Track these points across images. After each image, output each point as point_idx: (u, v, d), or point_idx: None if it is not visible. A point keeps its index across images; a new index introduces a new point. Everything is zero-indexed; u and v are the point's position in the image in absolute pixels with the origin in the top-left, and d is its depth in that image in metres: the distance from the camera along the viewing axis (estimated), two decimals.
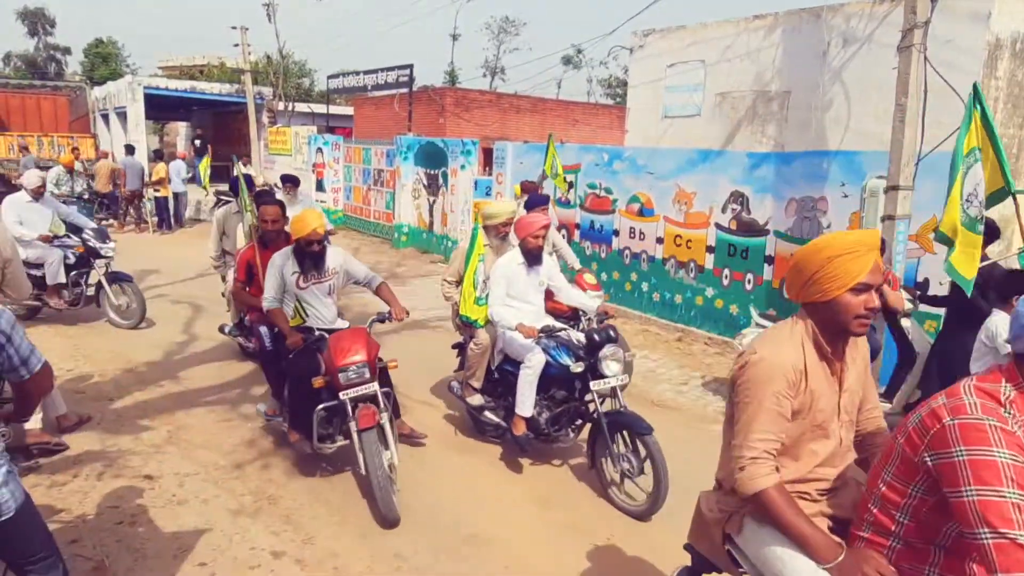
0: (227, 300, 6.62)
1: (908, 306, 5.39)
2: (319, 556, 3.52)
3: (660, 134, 10.75)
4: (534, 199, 6.61)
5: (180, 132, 36.60)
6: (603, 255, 9.51)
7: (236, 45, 20.81)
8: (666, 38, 10.79)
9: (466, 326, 4.81)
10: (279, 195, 7.51)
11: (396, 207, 14.30)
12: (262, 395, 5.71)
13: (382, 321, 4.47)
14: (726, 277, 7.90)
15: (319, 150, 17.44)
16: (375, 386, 4.05)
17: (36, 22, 44.39)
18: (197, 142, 21.24)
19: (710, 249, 8.05)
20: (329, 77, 22.62)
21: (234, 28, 20.51)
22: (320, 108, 25.93)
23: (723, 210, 7.89)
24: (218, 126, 30.40)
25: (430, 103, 21.69)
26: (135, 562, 3.38)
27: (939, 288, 5.64)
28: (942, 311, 5.36)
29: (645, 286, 8.88)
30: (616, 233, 9.30)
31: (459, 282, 4.86)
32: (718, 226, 7.95)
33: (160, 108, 26.18)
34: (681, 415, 5.76)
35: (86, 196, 13.07)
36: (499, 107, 22.75)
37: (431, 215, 13.64)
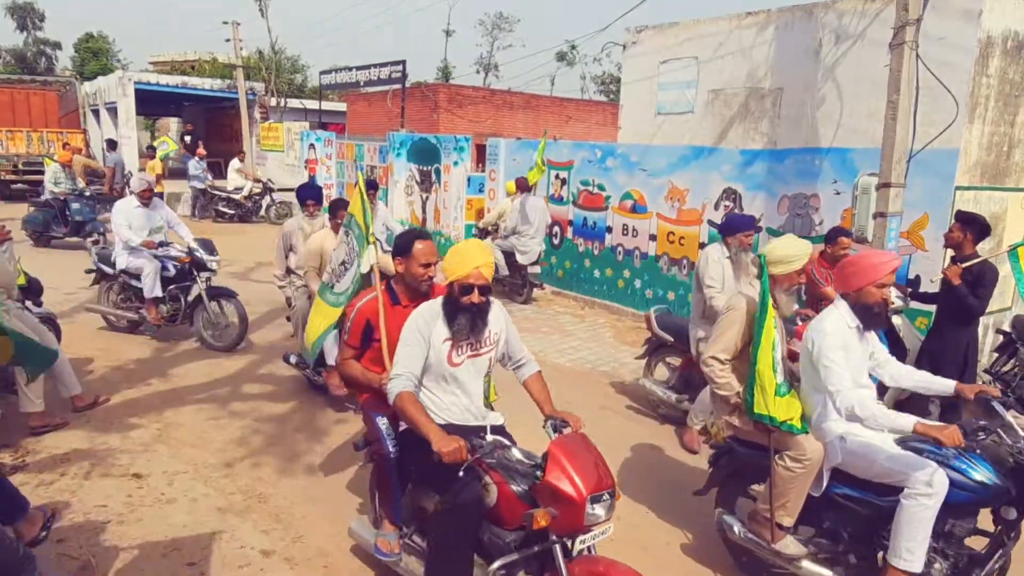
0: (294, 325, 5.93)
1: (899, 303, 5.40)
2: (309, 555, 3.50)
3: (653, 131, 10.74)
4: (738, 220, 5.32)
5: (171, 128, 36.40)
6: (596, 252, 9.50)
7: (228, 40, 20.68)
8: (659, 34, 10.78)
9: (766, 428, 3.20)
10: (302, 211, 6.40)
11: (389, 204, 14.25)
12: (259, 394, 5.67)
13: (557, 431, 2.85)
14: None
15: (311, 146, 17.37)
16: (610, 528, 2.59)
17: (25, 16, 44.00)
18: (187, 138, 21.05)
19: (703, 246, 8.05)
20: (322, 73, 22.51)
21: (226, 23, 20.39)
22: (313, 104, 25.82)
23: (716, 207, 7.89)
24: (210, 122, 30.22)
25: (423, 99, 21.63)
26: (123, 561, 3.36)
27: (930, 285, 5.66)
28: (933, 308, 5.37)
29: (638, 283, 8.88)
30: (609, 230, 9.29)
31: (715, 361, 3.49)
32: (711, 223, 7.95)
33: (151, 103, 26.01)
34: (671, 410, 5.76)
35: (87, 193, 12.73)
36: (492, 103, 22.71)
37: (424, 212, 13.60)
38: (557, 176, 10.13)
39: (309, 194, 6.29)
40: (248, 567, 3.37)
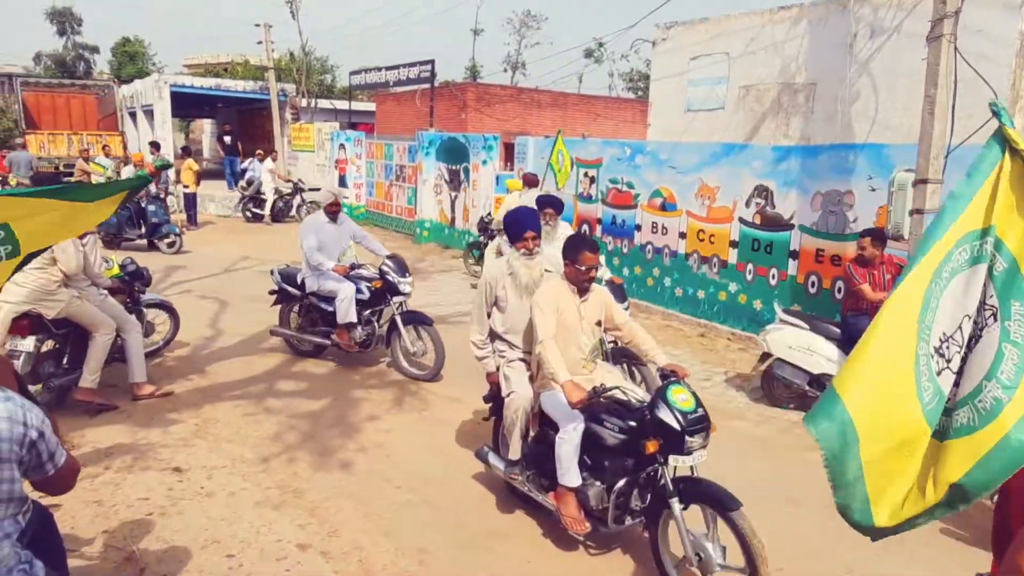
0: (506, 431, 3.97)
1: None
2: (344, 549, 3.57)
3: (683, 128, 10.66)
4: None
5: (205, 129, 37.05)
6: (625, 250, 9.47)
7: (260, 42, 20.99)
8: (689, 31, 10.70)
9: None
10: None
11: (418, 203, 14.37)
12: (293, 391, 5.79)
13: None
14: (750, 272, 7.83)
15: (341, 146, 17.57)
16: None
17: (64, 21, 45.11)
18: (227, 138, 21.30)
19: (733, 244, 7.98)
20: (351, 73, 22.73)
21: (258, 26, 20.69)
22: (342, 104, 26.08)
23: (747, 204, 7.81)
24: (242, 123, 30.72)
25: (452, 98, 21.72)
26: (165, 553, 3.45)
27: None
28: None
29: (667, 281, 8.83)
30: (638, 228, 9.25)
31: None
32: (742, 220, 7.88)
33: (186, 105, 26.51)
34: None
35: (161, 195, 12.67)
36: (520, 102, 22.72)
37: (453, 210, 13.68)
38: (586, 174, 10.11)
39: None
40: (285, 560, 3.45)
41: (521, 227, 3.94)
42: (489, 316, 4.03)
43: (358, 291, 6.14)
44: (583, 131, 20.26)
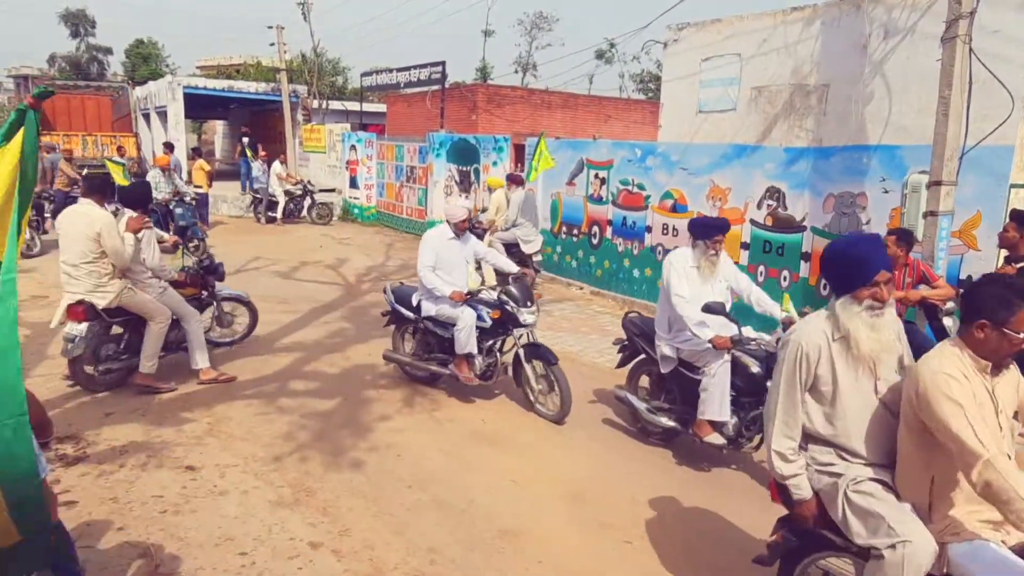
0: None
1: (951, 305, 5.27)
2: (355, 547, 3.58)
3: (694, 129, 10.64)
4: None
5: (218, 130, 37.31)
6: (635, 251, 9.46)
7: (272, 44, 21.13)
8: (701, 31, 10.67)
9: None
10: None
11: (428, 203, 14.40)
12: (305, 390, 5.82)
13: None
14: (761, 274, 7.80)
15: (352, 147, 17.64)
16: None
17: (78, 23, 45.60)
18: (245, 140, 21.30)
19: (745, 245, 7.95)
20: (362, 75, 22.83)
21: (270, 27, 20.83)
22: (353, 106, 26.20)
23: (758, 206, 7.79)
24: (254, 124, 30.90)
25: (462, 100, 21.76)
26: (179, 550, 3.48)
27: None
28: None
29: None
30: (649, 229, 9.24)
31: None
32: (753, 222, 7.85)
33: (199, 107, 26.70)
34: None
35: (188, 198, 12.23)
36: (531, 103, 22.73)
37: None
38: (596, 176, 10.11)
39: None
40: (297, 558, 3.47)
41: (865, 266, 2.55)
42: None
43: (479, 319, 5.51)
44: (594, 132, 20.24)
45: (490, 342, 5.56)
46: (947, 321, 5.27)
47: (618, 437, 5.14)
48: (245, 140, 20.64)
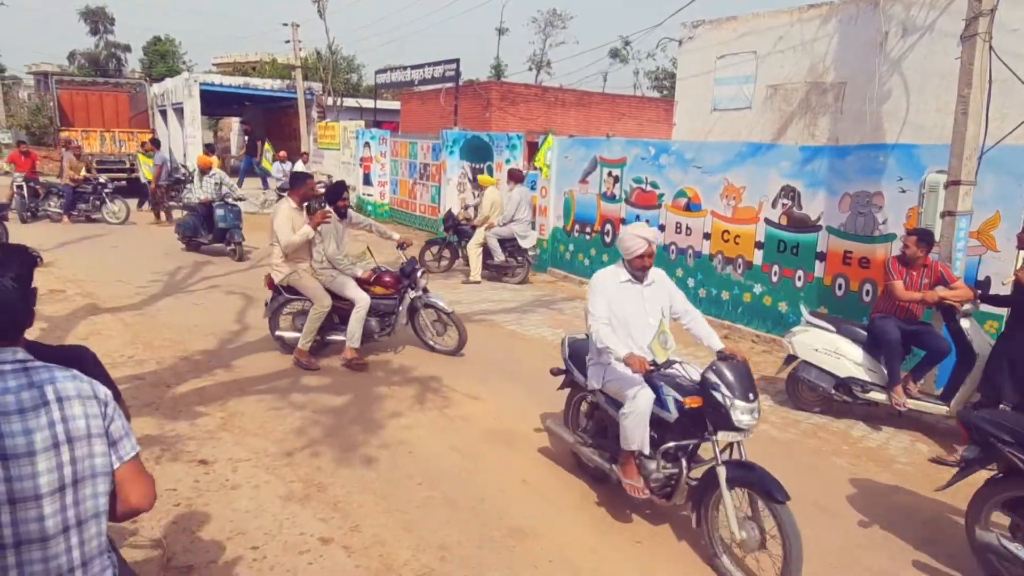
0: None
1: (968, 306, 5.20)
2: (366, 543, 3.60)
3: (709, 128, 10.58)
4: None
5: (233, 127, 37.55)
6: None
7: (287, 41, 21.26)
8: (716, 29, 10.61)
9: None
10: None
11: (441, 201, 14.42)
12: (317, 386, 5.85)
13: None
14: (775, 274, 7.74)
15: (366, 144, 17.69)
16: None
17: (97, 21, 46.07)
18: (245, 138, 21.45)
19: (759, 245, 7.90)
20: (377, 72, 22.88)
21: (285, 25, 20.97)
22: (368, 103, 26.28)
23: (773, 205, 7.73)
24: (269, 121, 31.10)
25: (476, 97, 21.78)
26: (192, 543, 3.51)
27: (1001, 288, 5.43)
28: (1004, 311, 5.16)
29: (691, 282, 8.77)
30: (662, 228, 9.19)
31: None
32: (768, 221, 7.79)
33: (215, 104, 26.90)
34: None
35: (230, 200, 11.64)
36: (544, 101, 22.72)
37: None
38: (610, 174, 10.08)
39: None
40: (308, 553, 3.49)
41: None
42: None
43: (660, 404, 3.72)
44: (607, 130, 20.18)
45: (675, 443, 3.75)
46: (964, 323, 5.20)
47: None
48: (245, 138, 20.68)
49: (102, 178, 15.03)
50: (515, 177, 10.52)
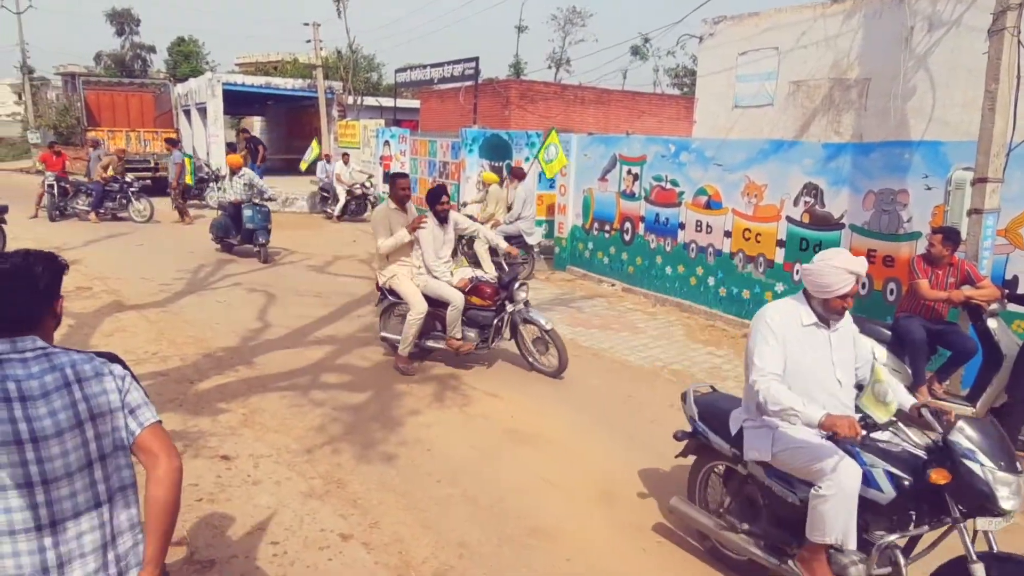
0: None
1: (995, 306, 5.11)
2: (385, 540, 3.62)
3: (730, 125, 10.49)
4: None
5: (255, 126, 37.89)
6: (668, 248, 9.37)
7: (308, 41, 21.42)
8: (738, 25, 10.51)
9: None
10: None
11: (460, 199, 14.45)
12: (337, 383, 5.90)
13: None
14: (797, 272, 7.66)
15: (386, 143, 17.78)
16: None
17: (123, 22, 46.77)
18: (243, 141, 20.67)
19: (780, 243, 7.81)
20: (397, 71, 22.97)
21: (306, 24, 21.12)
22: (388, 102, 26.40)
23: (795, 203, 7.64)
24: (291, 120, 31.35)
25: (495, 95, 21.79)
26: (214, 538, 3.56)
27: None
28: None
29: (711, 280, 8.71)
30: (682, 226, 9.14)
31: None
32: (789, 219, 7.71)
33: (237, 103, 27.15)
34: None
35: (257, 200, 11.26)
36: (564, 99, 22.66)
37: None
38: (629, 172, 10.03)
39: None
40: (328, 549, 3.52)
41: None
42: None
43: (869, 483, 2.85)
44: (627, 128, 20.09)
45: (899, 533, 2.84)
46: (991, 323, 5.11)
47: (650, 436, 5.10)
48: (243, 143, 20.42)
49: (128, 177, 15.24)
50: (517, 175, 10.71)
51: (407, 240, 5.99)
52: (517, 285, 6.14)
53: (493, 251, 10.39)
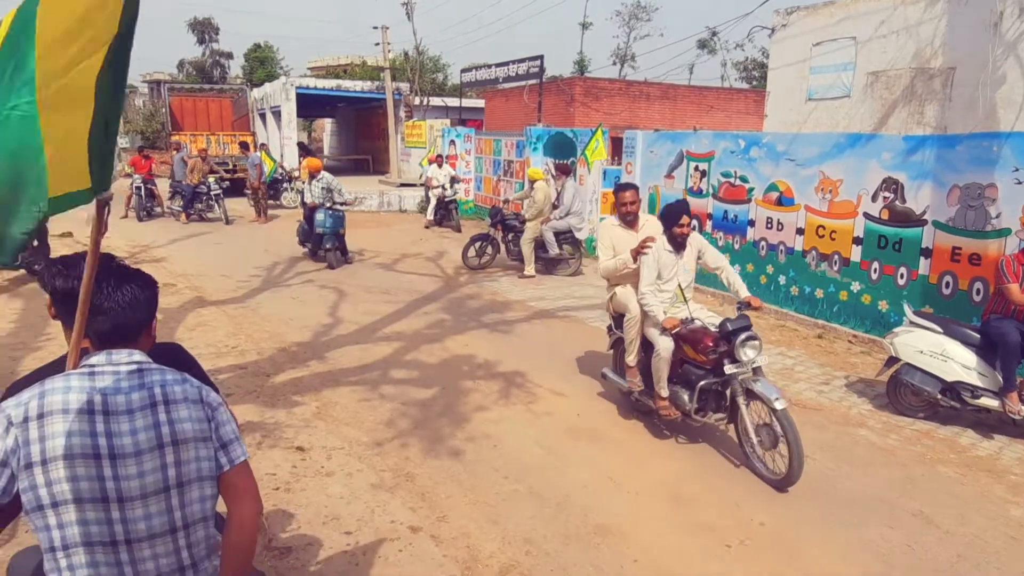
0: None
1: None
2: (453, 534, 3.69)
3: (803, 118, 10.16)
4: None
5: (326, 128, 39.01)
6: (736, 246, 9.15)
7: (377, 44, 21.89)
8: (812, 15, 10.16)
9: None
10: None
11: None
12: (405, 379, 6.03)
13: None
14: (875, 271, 7.36)
15: (452, 142, 18.00)
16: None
17: (204, 31, 48.92)
18: (258, 150, 19.49)
19: (857, 240, 7.52)
20: (462, 71, 23.22)
21: (375, 28, 21.59)
22: (453, 101, 26.72)
23: (873, 199, 7.34)
24: (360, 121, 32.15)
25: (559, 93, 21.74)
26: (290, 525, 3.71)
27: None
28: None
29: (782, 279, 8.46)
30: (751, 223, 8.91)
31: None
32: (867, 216, 7.41)
33: (309, 106, 28.09)
34: (821, 416, 5.46)
35: (329, 204, 10.93)
36: (629, 95, 22.40)
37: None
38: (696, 168, 9.85)
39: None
40: (398, 540, 3.61)
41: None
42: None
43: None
44: (694, 123, 19.71)
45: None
46: None
47: (718, 438, 5.01)
48: (256, 152, 19.67)
49: (211, 179, 15.95)
50: (563, 170, 10.71)
51: (631, 268, 4.94)
52: (744, 338, 4.41)
53: (540, 247, 10.33)
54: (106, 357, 1.75)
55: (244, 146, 17.52)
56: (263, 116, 27.51)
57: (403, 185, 20.43)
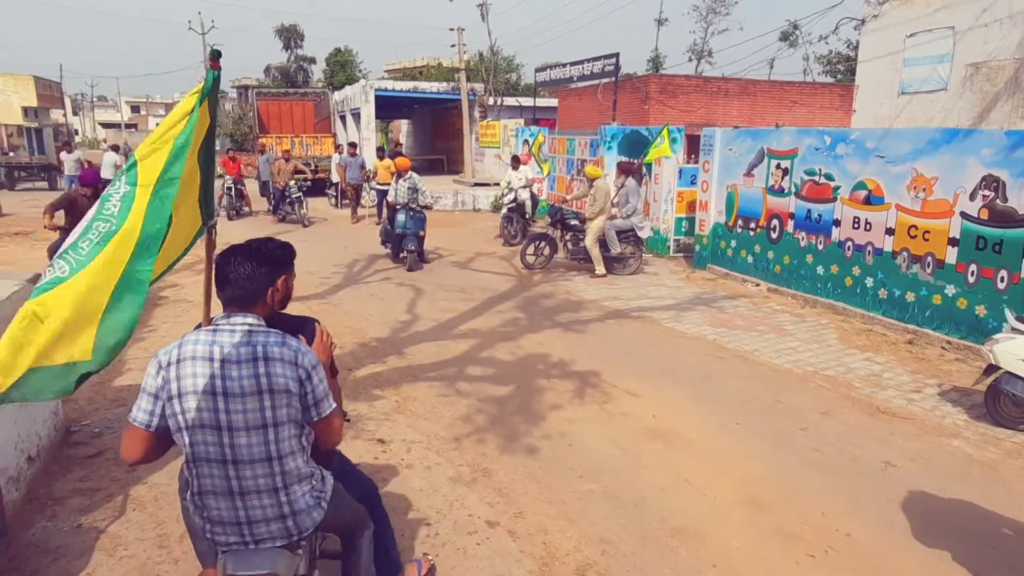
0: None
1: None
2: (530, 530, 3.73)
3: (894, 113, 9.70)
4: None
5: (403, 129, 39.86)
6: (820, 247, 8.83)
7: (452, 45, 22.23)
8: (907, 4, 9.68)
9: None
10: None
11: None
12: (482, 376, 6.14)
13: None
14: (972, 273, 6.96)
15: (525, 142, 18.07)
16: None
17: (289, 37, 50.82)
18: (268, 155, 18.79)
19: (953, 241, 7.13)
20: (536, 70, 23.27)
21: (451, 30, 21.91)
22: (527, 101, 26.81)
23: (971, 197, 6.94)
24: (435, 122, 32.71)
25: (634, 91, 21.47)
26: None
27: None
28: None
29: (870, 281, 8.11)
30: (837, 223, 8.58)
31: None
32: (964, 215, 7.02)
33: (387, 107, 28.76)
34: (912, 425, 5.21)
35: (415, 206, 10.93)
36: (706, 92, 21.91)
37: None
38: (778, 166, 9.55)
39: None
40: (476, 534, 3.69)
41: None
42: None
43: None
44: (776, 120, 19.11)
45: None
46: None
47: (800, 443, 4.87)
48: (266, 155, 18.52)
49: (291, 182, 16.61)
50: (624, 169, 10.64)
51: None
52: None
53: (602, 245, 10.50)
54: (226, 319, 2.24)
55: (352, 145, 18.01)
56: (343, 118, 28.38)
57: (477, 185, 20.66)
